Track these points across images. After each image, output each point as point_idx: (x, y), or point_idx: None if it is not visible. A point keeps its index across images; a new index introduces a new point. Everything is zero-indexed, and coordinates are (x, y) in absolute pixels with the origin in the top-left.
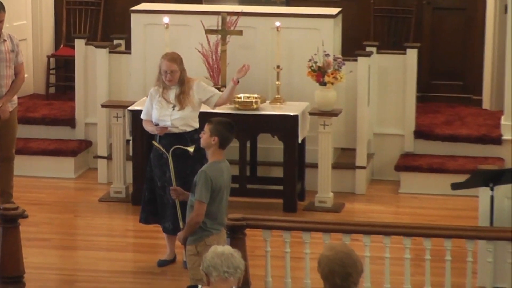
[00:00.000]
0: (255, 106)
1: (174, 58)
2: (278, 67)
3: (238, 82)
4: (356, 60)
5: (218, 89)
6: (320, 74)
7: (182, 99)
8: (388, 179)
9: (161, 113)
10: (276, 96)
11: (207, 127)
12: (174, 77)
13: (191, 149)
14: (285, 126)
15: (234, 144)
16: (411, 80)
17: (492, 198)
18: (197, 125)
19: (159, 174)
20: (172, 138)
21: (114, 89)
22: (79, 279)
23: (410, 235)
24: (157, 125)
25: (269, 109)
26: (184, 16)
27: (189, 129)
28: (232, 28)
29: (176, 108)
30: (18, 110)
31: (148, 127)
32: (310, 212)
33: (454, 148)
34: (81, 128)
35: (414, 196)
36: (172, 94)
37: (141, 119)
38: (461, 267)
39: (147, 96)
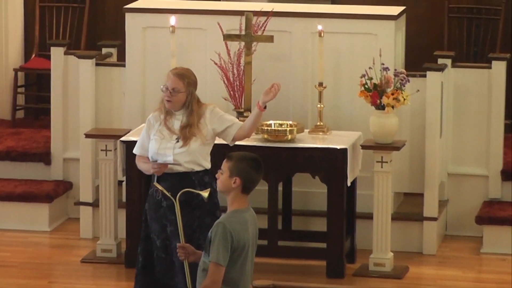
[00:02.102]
0: (289, 137)
1: (182, 75)
2: (320, 84)
3: (265, 107)
4: (424, 76)
5: (241, 114)
6: (376, 94)
7: (187, 134)
8: (467, 235)
9: (161, 145)
10: (318, 123)
11: (226, 165)
12: (174, 99)
13: (205, 193)
14: (330, 164)
15: (262, 187)
16: (497, 102)
17: None
18: (208, 165)
19: (158, 230)
20: (174, 179)
21: (102, 113)
22: None
23: None
24: (155, 161)
25: (308, 141)
26: (196, 16)
27: (197, 168)
28: (259, 32)
29: (180, 143)
30: None
31: (142, 165)
32: (362, 278)
33: None
34: (58, 165)
35: (502, 257)
36: (176, 123)
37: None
38: None
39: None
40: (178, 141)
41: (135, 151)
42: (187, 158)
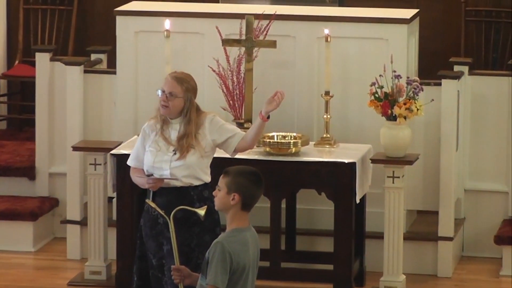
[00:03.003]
0: (293, 150)
1: (181, 79)
2: (327, 93)
3: (269, 117)
4: (439, 84)
5: (241, 125)
6: (387, 104)
7: (184, 145)
8: (485, 256)
9: (157, 158)
10: (324, 135)
11: (223, 181)
12: (170, 104)
13: (201, 211)
14: (337, 179)
15: (264, 204)
16: None
17: None
18: (208, 178)
19: (154, 248)
20: (171, 195)
21: (91, 124)
22: None
23: None
24: (150, 175)
25: (314, 154)
26: (192, 20)
27: (196, 182)
28: (261, 37)
29: (177, 155)
30: None
31: (137, 179)
32: None
33: None
34: (43, 180)
35: None
36: (173, 133)
37: (129, 167)
38: None
39: (138, 135)
40: (175, 154)
41: (129, 162)
42: (185, 172)
